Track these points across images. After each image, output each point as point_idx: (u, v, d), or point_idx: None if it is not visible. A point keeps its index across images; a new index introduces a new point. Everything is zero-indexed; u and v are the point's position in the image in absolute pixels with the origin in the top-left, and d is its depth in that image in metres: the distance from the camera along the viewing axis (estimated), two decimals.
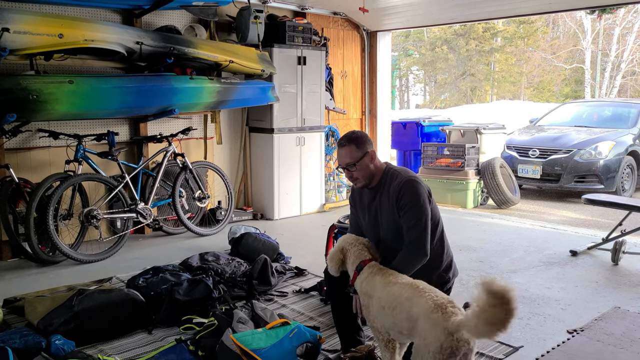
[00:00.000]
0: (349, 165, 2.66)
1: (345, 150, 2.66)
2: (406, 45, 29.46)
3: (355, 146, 2.64)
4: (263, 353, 2.71)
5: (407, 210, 2.55)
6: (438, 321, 2.01)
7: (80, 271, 4.54)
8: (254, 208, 6.68)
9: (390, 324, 2.31)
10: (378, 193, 2.71)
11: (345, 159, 2.67)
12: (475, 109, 20.10)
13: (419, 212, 2.54)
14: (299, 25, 6.52)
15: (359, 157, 2.64)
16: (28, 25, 4.10)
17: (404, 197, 2.57)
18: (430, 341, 2.00)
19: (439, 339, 1.98)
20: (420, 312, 2.10)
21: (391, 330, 2.33)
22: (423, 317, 2.08)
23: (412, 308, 2.16)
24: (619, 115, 9.18)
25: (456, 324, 1.97)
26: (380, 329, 2.39)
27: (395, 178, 2.66)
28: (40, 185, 4.55)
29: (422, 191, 2.59)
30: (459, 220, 6.47)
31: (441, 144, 7.88)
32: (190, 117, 6.12)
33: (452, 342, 1.96)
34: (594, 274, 4.47)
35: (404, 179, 2.61)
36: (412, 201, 2.55)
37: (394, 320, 2.27)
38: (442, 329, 1.99)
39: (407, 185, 2.58)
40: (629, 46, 22.51)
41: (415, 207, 2.55)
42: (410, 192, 2.57)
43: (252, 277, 3.97)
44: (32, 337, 2.89)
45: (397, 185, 2.61)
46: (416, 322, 2.12)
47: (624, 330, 3.34)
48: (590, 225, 6.45)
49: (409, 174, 2.67)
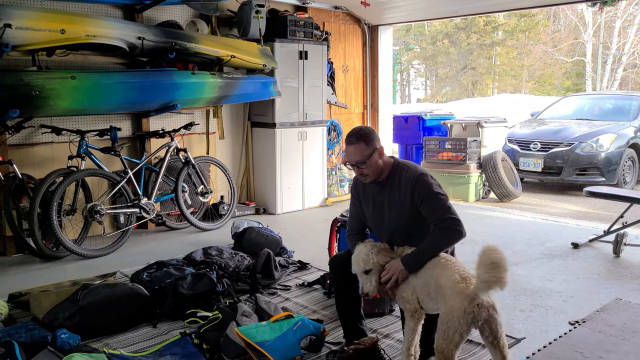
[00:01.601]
0: (359, 163, 2.66)
1: (355, 148, 2.65)
2: (407, 39, 29.39)
3: (364, 143, 2.64)
4: (267, 346, 2.74)
5: (429, 201, 2.60)
6: (462, 290, 2.29)
7: (84, 266, 4.56)
8: (257, 202, 6.70)
9: (421, 284, 2.49)
10: (387, 187, 2.72)
11: (355, 157, 2.66)
12: (476, 103, 20.08)
13: (442, 200, 2.61)
14: (300, 19, 6.52)
15: (369, 154, 2.65)
16: (30, 21, 4.10)
17: (420, 192, 2.61)
18: (456, 307, 2.25)
19: (462, 305, 2.24)
20: (448, 282, 2.35)
21: (421, 292, 2.49)
22: (450, 286, 2.33)
23: (440, 277, 2.41)
24: (620, 107, 9.17)
25: (473, 290, 2.26)
26: (410, 296, 2.54)
27: (405, 172, 2.68)
28: (44, 180, 4.57)
29: (434, 183, 2.66)
30: (461, 214, 6.41)
31: (443, 138, 7.88)
32: (192, 112, 6.13)
33: (474, 308, 2.23)
34: (595, 266, 4.49)
35: (416, 175, 2.64)
36: (429, 191, 2.61)
37: (425, 280, 2.48)
38: (465, 296, 2.26)
39: (419, 181, 2.62)
40: (630, 39, 22.43)
41: (436, 197, 2.60)
42: (423, 186, 2.62)
43: (255, 271, 3.99)
44: (37, 331, 2.91)
45: (410, 181, 2.64)
46: (442, 289, 2.37)
47: (625, 322, 3.36)
48: (591, 218, 6.46)
49: (418, 169, 2.70)
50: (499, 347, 2.33)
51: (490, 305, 2.28)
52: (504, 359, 2.33)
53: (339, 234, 3.94)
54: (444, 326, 2.28)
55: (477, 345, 3.03)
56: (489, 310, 2.27)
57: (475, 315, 2.24)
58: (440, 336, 2.29)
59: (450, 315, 2.27)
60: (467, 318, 2.23)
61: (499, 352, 2.33)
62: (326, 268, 4.20)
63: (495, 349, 2.34)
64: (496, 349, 2.34)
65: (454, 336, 2.25)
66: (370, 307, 3.38)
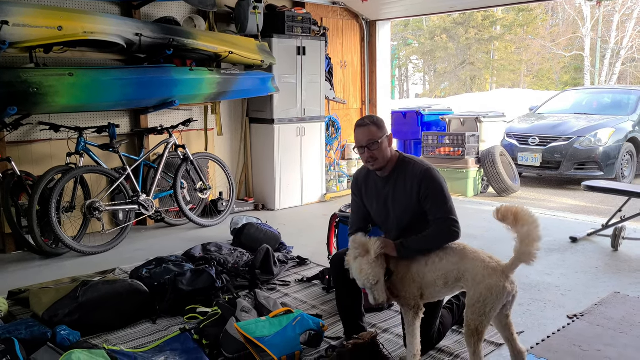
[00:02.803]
0: (371, 143, 2.65)
1: (367, 130, 2.67)
2: (405, 34, 29.34)
3: (376, 127, 2.68)
4: (267, 341, 2.75)
5: (433, 198, 2.62)
6: (496, 268, 2.41)
7: (83, 263, 4.57)
8: (256, 199, 6.70)
9: (439, 276, 2.54)
10: (391, 181, 2.73)
11: (367, 137, 2.66)
12: (475, 98, 20.05)
13: (446, 199, 2.63)
14: (298, 15, 6.50)
15: (381, 136, 2.67)
16: (27, 18, 4.09)
17: (427, 187, 2.62)
18: (494, 284, 2.37)
19: (500, 281, 2.37)
20: (477, 264, 2.45)
21: (436, 285, 2.56)
22: (482, 267, 2.42)
23: (462, 263, 2.49)
24: (619, 102, 9.17)
25: (509, 266, 2.40)
26: (416, 292, 2.59)
27: (411, 166, 2.69)
28: (42, 178, 4.57)
29: (442, 179, 2.68)
30: (459, 209, 6.40)
31: (441, 133, 7.88)
32: (190, 109, 6.12)
33: (510, 283, 2.39)
34: (593, 260, 4.50)
35: (424, 169, 2.66)
36: (435, 189, 2.62)
37: (444, 272, 2.54)
38: (501, 273, 2.39)
39: (427, 175, 2.64)
40: (628, 33, 22.41)
41: (440, 194, 2.62)
42: (431, 181, 2.63)
43: (254, 266, 4.00)
44: (37, 328, 2.92)
45: (417, 174, 2.65)
46: (468, 272, 2.46)
47: (623, 315, 3.37)
48: (590, 212, 6.47)
49: (425, 163, 2.71)
50: (509, 324, 2.52)
51: (515, 281, 2.45)
52: (511, 335, 2.53)
53: (338, 230, 3.94)
54: (479, 304, 2.38)
55: None
56: (516, 285, 2.44)
57: (510, 291, 2.39)
58: (475, 314, 2.39)
59: (488, 293, 2.37)
60: (505, 293, 2.37)
61: (508, 329, 2.53)
62: (325, 263, 4.21)
63: (505, 327, 2.52)
64: (506, 327, 2.52)
65: (490, 312, 2.38)
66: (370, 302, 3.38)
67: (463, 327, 2.51)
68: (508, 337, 2.53)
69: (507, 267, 2.41)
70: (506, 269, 2.41)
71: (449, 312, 3.10)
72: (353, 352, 2.60)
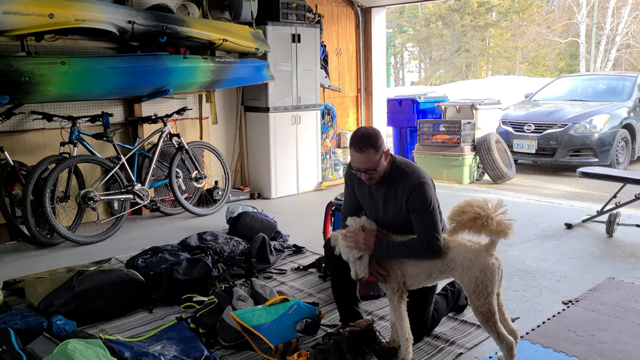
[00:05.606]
0: (369, 171, 2.62)
1: (365, 157, 2.58)
2: (401, 21, 29.21)
3: (374, 150, 2.58)
4: (263, 329, 2.75)
5: (419, 213, 2.59)
6: (479, 249, 2.49)
7: (78, 253, 4.56)
8: (251, 187, 6.69)
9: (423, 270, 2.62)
10: (382, 188, 2.71)
11: (365, 165, 2.60)
12: (470, 85, 20.02)
13: (430, 216, 2.58)
14: (293, 2, 6.44)
15: (378, 160, 2.61)
16: (17, 6, 4.04)
17: (415, 201, 2.59)
18: (483, 266, 2.43)
19: (488, 261, 2.44)
20: (461, 251, 2.51)
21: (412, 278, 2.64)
22: (467, 251, 2.50)
23: (445, 252, 2.55)
24: (614, 88, 9.17)
25: (489, 244, 2.49)
26: (395, 278, 2.65)
27: (403, 177, 2.64)
28: (36, 167, 4.54)
29: (432, 194, 2.62)
30: (455, 196, 6.48)
31: (437, 121, 7.86)
32: (184, 97, 6.08)
33: (495, 260, 2.46)
34: (588, 246, 4.52)
35: (415, 183, 2.60)
36: (422, 205, 2.58)
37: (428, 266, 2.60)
38: (485, 253, 2.47)
39: (417, 189, 2.59)
40: (623, 19, 22.36)
41: (426, 211, 2.58)
42: (420, 196, 2.58)
43: (250, 255, 4.00)
44: (33, 318, 2.91)
45: (407, 187, 2.61)
46: (453, 261, 2.53)
47: (618, 300, 3.39)
48: (585, 199, 6.49)
49: (417, 176, 2.63)
50: (500, 303, 2.56)
51: (499, 257, 2.52)
52: (503, 315, 2.55)
53: (334, 218, 3.95)
54: (479, 288, 2.43)
55: (471, 325, 3.05)
56: (500, 261, 2.50)
57: (498, 267, 2.46)
58: (480, 299, 2.43)
59: (482, 274, 2.43)
60: (495, 270, 2.44)
61: (500, 309, 2.54)
62: (321, 251, 4.19)
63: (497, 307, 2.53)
64: (498, 308, 2.53)
65: (492, 292, 2.43)
66: (366, 289, 3.40)
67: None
68: (500, 317, 2.54)
69: (488, 246, 2.48)
70: (488, 248, 2.48)
71: (443, 299, 3.11)
72: (349, 339, 2.61)
